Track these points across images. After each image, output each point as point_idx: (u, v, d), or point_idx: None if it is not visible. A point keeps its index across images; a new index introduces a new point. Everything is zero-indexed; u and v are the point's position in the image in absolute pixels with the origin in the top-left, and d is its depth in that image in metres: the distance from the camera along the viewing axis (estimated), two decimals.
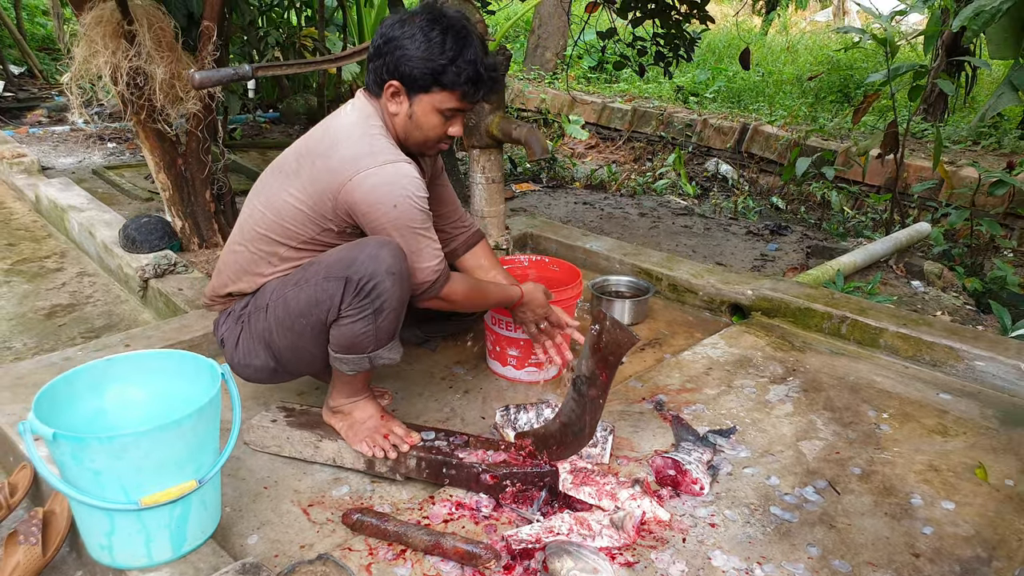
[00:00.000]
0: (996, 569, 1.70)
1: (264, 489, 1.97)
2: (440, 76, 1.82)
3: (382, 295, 1.78)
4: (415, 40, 1.81)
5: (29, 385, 2.23)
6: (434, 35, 1.81)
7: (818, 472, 2.04)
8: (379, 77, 1.88)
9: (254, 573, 1.50)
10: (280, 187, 1.94)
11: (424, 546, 1.69)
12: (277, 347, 1.93)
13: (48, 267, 3.67)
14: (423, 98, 1.87)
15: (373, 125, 1.90)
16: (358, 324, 1.81)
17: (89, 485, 1.47)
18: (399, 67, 1.83)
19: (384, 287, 1.77)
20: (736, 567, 1.69)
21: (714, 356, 2.67)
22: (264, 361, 1.97)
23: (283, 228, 1.94)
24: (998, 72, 7.70)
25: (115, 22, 2.87)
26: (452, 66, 1.81)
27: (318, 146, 1.90)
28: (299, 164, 1.92)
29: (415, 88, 1.86)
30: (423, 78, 1.83)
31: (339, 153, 1.85)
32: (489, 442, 1.97)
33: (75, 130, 6.63)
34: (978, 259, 4.47)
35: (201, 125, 3.25)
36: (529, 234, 3.65)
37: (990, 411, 2.35)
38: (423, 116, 1.90)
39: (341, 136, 1.87)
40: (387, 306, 1.80)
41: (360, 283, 1.77)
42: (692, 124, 7.41)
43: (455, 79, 1.83)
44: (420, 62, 1.81)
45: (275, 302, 1.90)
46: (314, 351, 1.91)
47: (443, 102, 1.87)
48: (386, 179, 1.81)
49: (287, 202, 1.91)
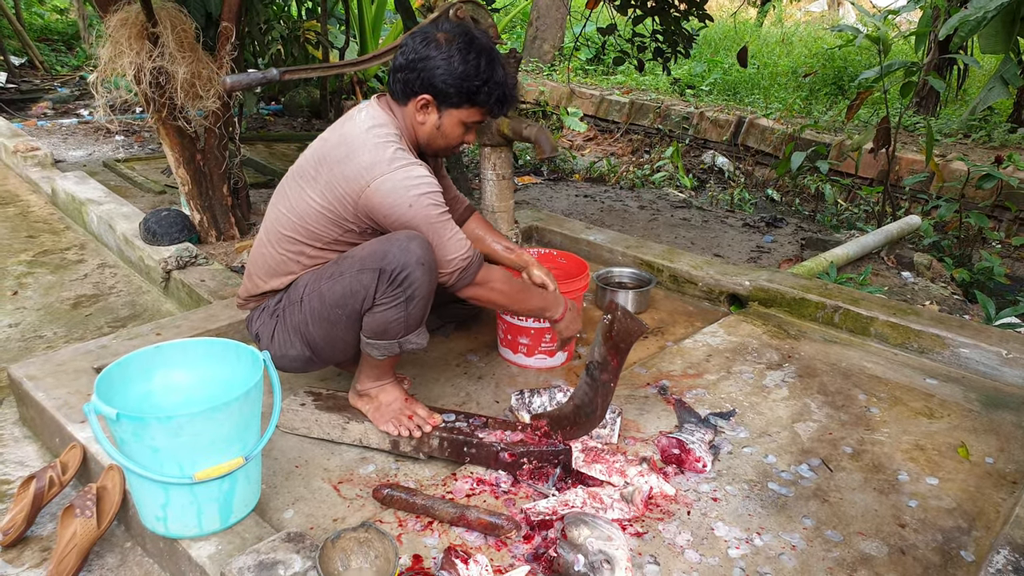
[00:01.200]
0: (975, 538, 1.86)
1: (296, 468, 2.10)
2: (474, 96, 2.00)
3: (413, 284, 1.92)
4: (452, 61, 1.96)
5: (70, 371, 2.36)
6: (471, 58, 1.97)
7: (812, 451, 2.19)
8: (409, 88, 2.02)
9: (298, 541, 1.64)
10: (301, 191, 2.06)
11: (450, 518, 1.83)
12: (312, 337, 2.06)
13: (69, 259, 3.79)
14: (452, 112, 2.04)
15: (387, 133, 2.01)
16: (390, 312, 1.95)
17: (148, 461, 1.61)
18: (434, 83, 1.98)
19: (415, 276, 1.92)
20: (737, 536, 1.84)
21: (714, 344, 2.81)
22: (299, 351, 2.10)
23: (307, 230, 2.06)
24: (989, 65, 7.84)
25: (140, 24, 2.98)
26: (485, 87, 1.99)
27: (335, 152, 2.02)
28: (317, 171, 2.04)
29: (447, 103, 2.02)
30: (457, 96, 2.00)
31: (355, 161, 1.97)
32: (506, 423, 2.11)
33: (83, 123, 6.72)
34: (966, 250, 4.63)
35: (219, 122, 3.37)
36: (534, 227, 3.78)
37: (973, 395, 2.51)
38: (450, 128, 2.07)
39: (356, 144, 1.99)
40: (417, 294, 1.94)
41: (393, 273, 1.91)
42: (689, 117, 7.54)
43: (486, 99, 2.02)
44: (457, 81, 1.97)
45: (310, 295, 2.03)
46: (347, 339, 2.05)
47: (470, 116, 2.06)
48: (400, 183, 1.94)
49: (310, 206, 2.04)
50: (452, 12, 2.58)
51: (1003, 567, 1.60)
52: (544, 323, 2.55)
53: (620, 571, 1.58)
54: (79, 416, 2.14)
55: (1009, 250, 5.10)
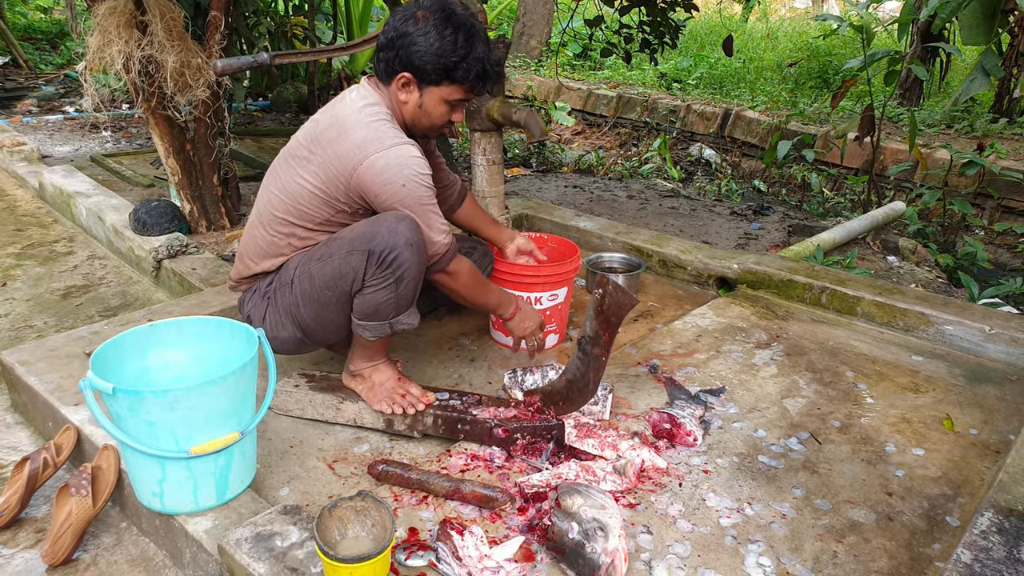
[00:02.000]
0: (960, 504, 1.89)
1: (290, 448, 2.12)
2: (452, 72, 1.97)
3: (402, 265, 1.93)
4: (428, 37, 1.94)
5: (62, 356, 2.37)
6: (447, 33, 1.94)
7: (801, 425, 2.22)
8: (390, 67, 2.01)
9: (295, 513, 1.66)
10: (293, 172, 2.06)
11: (445, 492, 1.85)
12: (303, 318, 2.07)
13: (58, 251, 3.78)
14: (433, 90, 2.01)
15: (378, 111, 2.02)
16: (380, 292, 1.96)
17: (144, 436, 1.62)
18: (412, 61, 1.97)
19: (404, 257, 1.92)
20: (728, 507, 1.86)
21: (703, 325, 2.84)
22: (291, 333, 2.11)
23: (299, 211, 2.07)
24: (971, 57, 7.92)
25: (128, 12, 2.98)
26: (463, 63, 1.96)
27: (327, 132, 2.02)
28: (310, 151, 2.04)
29: (426, 81, 2.00)
30: (435, 73, 1.97)
31: (348, 140, 1.97)
32: (500, 400, 2.13)
33: (69, 119, 6.69)
34: (950, 237, 4.68)
35: (209, 111, 3.37)
36: (525, 215, 3.81)
37: (957, 370, 2.55)
38: (432, 106, 2.05)
39: (349, 123, 1.99)
40: (407, 275, 1.95)
41: (382, 255, 1.92)
42: (676, 110, 7.58)
43: (465, 75, 1.98)
44: (433, 58, 1.95)
45: (300, 277, 2.04)
46: (338, 320, 2.06)
47: (451, 94, 2.03)
48: (393, 161, 1.94)
49: (302, 186, 2.04)
50: None
51: (987, 528, 1.63)
52: (535, 305, 2.58)
53: (613, 538, 1.60)
54: (72, 399, 2.14)
55: (992, 236, 5.17)
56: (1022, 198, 5.35)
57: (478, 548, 1.63)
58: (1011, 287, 3.60)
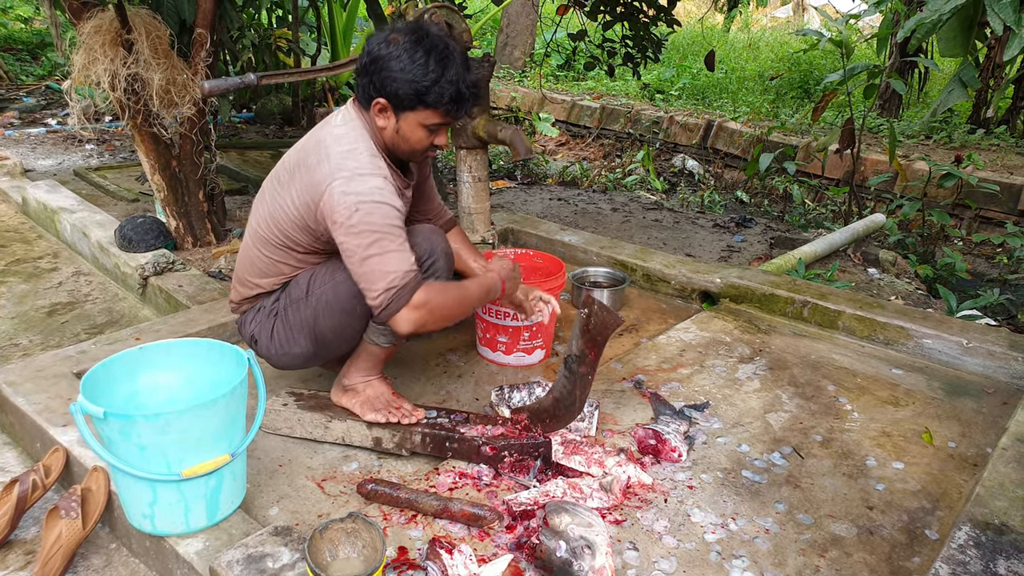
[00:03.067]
0: (939, 517, 1.94)
1: (279, 467, 2.13)
2: (424, 96, 1.91)
3: (438, 271, 2.02)
4: (400, 61, 1.90)
5: (49, 376, 2.37)
6: (418, 56, 1.89)
7: (784, 440, 2.26)
8: (367, 93, 1.97)
9: (286, 534, 1.67)
10: (278, 196, 2.06)
11: (433, 511, 1.87)
12: (321, 329, 2.08)
13: (43, 267, 3.77)
14: (409, 115, 1.96)
15: (357, 137, 1.98)
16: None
17: (135, 459, 1.63)
18: (385, 86, 1.92)
19: (440, 264, 2.02)
20: (713, 522, 1.90)
21: (687, 339, 2.88)
22: (303, 348, 2.13)
23: (285, 235, 2.06)
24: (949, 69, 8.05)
25: (114, 31, 3.00)
26: (435, 87, 1.90)
27: (308, 158, 2.02)
28: (291, 175, 2.04)
29: (401, 106, 1.94)
30: (407, 98, 1.92)
31: (322, 167, 1.95)
32: (487, 418, 2.16)
33: (51, 131, 6.66)
34: (930, 247, 4.76)
35: (195, 128, 3.38)
36: (510, 229, 3.84)
37: (936, 383, 2.60)
38: (409, 131, 1.99)
39: (328, 151, 1.97)
40: (440, 280, 2.03)
41: (422, 258, 1.99)
42: (659, 121, 7.65)
43: (438, 99, 1.92)
44: (404, 83, 1.90)
45: (322, 289, 2.05)
46: (359, 327, 2.10)
47: (427, 119, 1.96)
48: (353, 188, 1.89)
49: (286, 211, 2.03)
50: (427, 17, 2.63)
51: (965, 542, 1.68)
52: (522, 321, 2.61)
53: (600, 556, 1.63)
54: (61, 420, 2.14)
55: (970, 246, 5.26)
56: (999, 209, 5.45)
57: (467, 567, 1.65)
58: (988, 298, 3.67)
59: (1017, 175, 5.55)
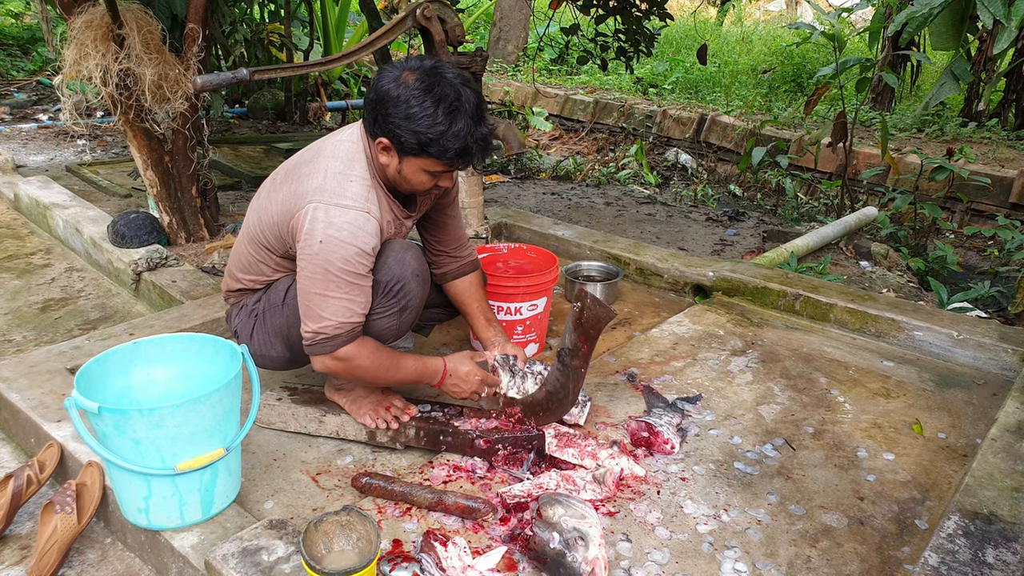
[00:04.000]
0: (929, 507, 1.96)
1: (274, 461, 2.14)
2: (428, 147, 1.83)
3: (408, 295, 1.95)
4: (409, 107, 1.80)
5: (43, 372, 2.37)
6: (427, 104, 1.80)
7: (776, 432, 2.27)
8: (372, 129, 1.91)
9: (280, 528, 1.68)
10: (270, 196, 2.04)
11: (428, 503, 1.88)
12: (295, 339, 2.05)
13: (35, 263, 3.76)
14: (412, 160, 1.88)
15: (355, 162, 1.93)
16: (383, 320, 1.97)
17: (130, 453, 1.64)
18: (389, 129, 1.84)
19: (410, 288, 1.95)
20: (705, 513, 1.91)
21: (680, 332, 2.89)
22: (280, 352, 2.13)
23: (265, 236, 2.04)
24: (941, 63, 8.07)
25: (105, 26, 2.98)
26: (441, 140, 1.81)
27: (303, 167, 1.98)
28: (286, 178, 2.01)
29: (404, 151, 1.86)
30: (410, 146, 1.84)
31: (311, 180, 1.89)
32: (481, 412, 2.17)
33: (43, 127, 6.63)
34: (921, 240, 4.78)
35: (187, 123, 3.38)
36: (503, 224, 3.84)
37: (927, 375, 2.62)
38: (411, 174, 1.92)
39: (322, 165, 1.93)
40: (411, 304, 1.98)
41: (389, 284, 1.93)
42: (652, 115, 7.66)
43: (442, 152, 1.83)
44: (409, 132, 1.82)
45: (295, 299, 2.00)
46: None
47: (431, 166, 1.89)
48: (328, 217, 1.83)
49: (270, 212, 2.00)
50: (419, 12, 2.63)
51: (954, 531, 1.69)
52: (514, 315, 2.61)
53: (594, 547, 1.64)
54: (55, 415, 2.15)
55: (961, 239, 5.28)
56: (990, 202, 5.47)
57: (461, 559, 1.66)
58: (979, 291, 3.69)
59: (1008, 168, 5.58)
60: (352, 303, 1.87)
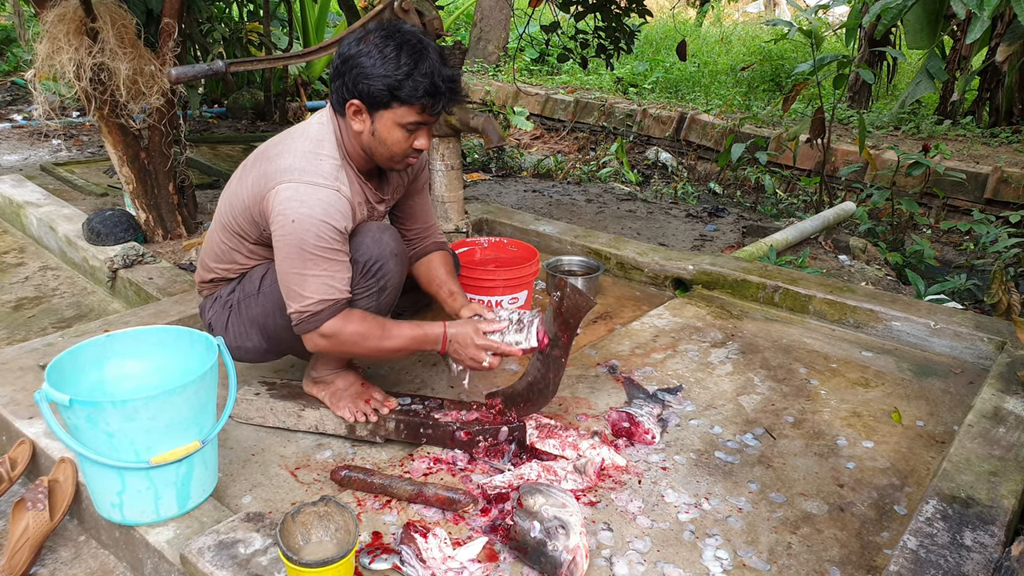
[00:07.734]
0: (908, 493, 1.96)
1: (252, 456, 2.11)
2: (397, 91, 1.83)
3: (387, 275, 1.94)
4: (371, 57, 1.83)
5: (14, 369, 2.33)
6: (388, 51, 1.82)
7: (756, 421, 2.28)
8: (340, 96, 1.90)
9: (258, 520, 1.66)
10: (239, 182, 2.03)
11: (408, 495, 1.86)
12: (272, 328, 2.04)
13: (8, 262, 3.70)
14: (384, 114, 1.88)
15: (325, 142, 1.93)
16: (362, 301, 1.95)
17: (103, 447, 1.61)
18: (358, 85, 1.85)
19: (389, 268, 1.94)
20: (686, 502, 1.91)
21: (660, 325, 2.89)
22: (256, 343, 2.10)
23: (237, 223, 2.02)
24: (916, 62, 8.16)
25: (78, 19, 2.94)
26: (408, 80, 1.82)
27: (271, 148, 1.98)
28: (254, 162, 2.00)
29: (375, 105, 1.87)
30: (381, 94, 1.84)
31: (280, 160, 1.91)
32: (461, 404, 2.15)
33: (17, 127, 6.54)
34: (899, 235, 4.82)
35: (164, 119, 3.34)
36: (484, 220, 3.83)
37: (905, 364, 2.64)
38: (386, 132, 1.90)
39: (291, 146, 1.94)
40: (390, 284, 1.97)
41: (367, 264, 1.92)
42: (632, 114, 7.68)
43: (412, 93, 1.84)
44: (377, 79, 1.82)
45: (271, 288, 2.00)
46: None
47: (403, 116, 1.88)
48: (299, 195, 1.83)
49: (241, 198, 1.99)
50: (397, 4, 2.61)
51: (932, 515, 1.70)
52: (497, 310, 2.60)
53: (575, 536, 1.63)
54: (26, 412, 2.11)
55: (938, 234, 5.33)
56: (966, 197, 5.53)
57: (442, 550, 1.65)
58: (955, 283, 3.73)
59: (983, 164, 5.64)
60: (331, 279, 1.87)
